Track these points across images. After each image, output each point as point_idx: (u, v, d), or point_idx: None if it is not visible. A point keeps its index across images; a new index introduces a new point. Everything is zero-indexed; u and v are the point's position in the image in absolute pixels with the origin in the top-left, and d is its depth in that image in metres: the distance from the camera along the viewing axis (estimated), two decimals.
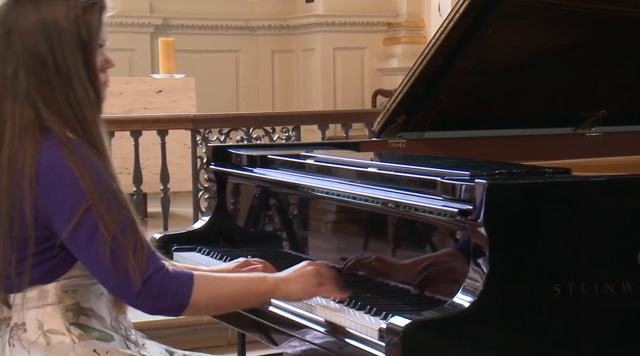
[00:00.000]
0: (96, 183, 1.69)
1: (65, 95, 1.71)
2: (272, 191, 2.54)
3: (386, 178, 2.10)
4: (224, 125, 5.00)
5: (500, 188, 1.78)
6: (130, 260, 1.66)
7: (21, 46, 1.71)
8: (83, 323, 1.75)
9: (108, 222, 1.67)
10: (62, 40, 1.70)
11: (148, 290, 1.67)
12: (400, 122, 2.80)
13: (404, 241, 2.05)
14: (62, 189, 1.68)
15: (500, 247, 1.75)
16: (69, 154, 1.69)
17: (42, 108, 1.71)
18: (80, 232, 1.68)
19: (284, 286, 1.85)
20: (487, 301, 1.73)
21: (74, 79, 1.71)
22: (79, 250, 1.70)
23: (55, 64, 1.70)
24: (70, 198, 1.68)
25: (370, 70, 7.71)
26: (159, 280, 1.68)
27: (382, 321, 1.81)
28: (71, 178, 1.68)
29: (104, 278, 1.70)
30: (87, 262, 1.70)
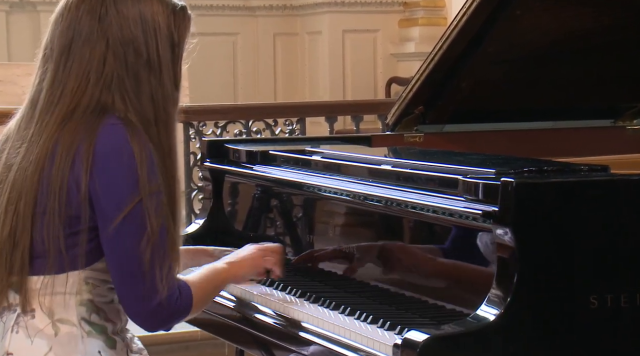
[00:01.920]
0: (150, 177, 1.78)
1: (152, 89, 1.83)
2: (274, 191, 2.55)
3: (401, 176, 2.11)
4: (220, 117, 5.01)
5: (529, 188, 1.78)
6: (159, 270, 1.76)
7: (117, 32, 1.82)
8: (94, 321, 1.83)
9: (153, 223, 1.76)
10: (158, 36, 1.84)
11: (166, 307, 1.78)
12: (417, 113, 2.80)
13: (421, 246, 2.06)
14: (118, 170, 1.76)
15: (530, 254, 1.75)
16: (133, 135, 1.78)
17: (118, 98, 1.81)
18: (125, 224, 1.76)
19: (234, 269, 2.05)
20: (514, 314, 1.73)
21: (164, 74, 1.84)
22: (114, 242, 1.77)
23: (149, 56, 1.83)
24: (125, 183, 1.77)
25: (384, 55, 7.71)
26: (174, 298, 1.80)
27: (396, 336, 1.81)
28: (130, 161, 1.77)
29: (129, 280, 1.77)
30: (115, 258, 1.78)
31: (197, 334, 4.14)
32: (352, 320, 1.96)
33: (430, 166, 2.09)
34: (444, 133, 2.86)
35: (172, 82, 1.85)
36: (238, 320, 2.24)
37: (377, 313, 1.96)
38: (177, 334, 4.12)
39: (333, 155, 2.43)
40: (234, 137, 4.84)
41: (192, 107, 4.99)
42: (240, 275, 2.07)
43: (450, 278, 1.95)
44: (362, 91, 7.56)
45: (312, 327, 2.01)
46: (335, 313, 2.02)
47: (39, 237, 1.79)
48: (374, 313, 1.95)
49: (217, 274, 1.99)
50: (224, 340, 2.53)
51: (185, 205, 4.83)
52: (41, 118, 1.82)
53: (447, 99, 2.80)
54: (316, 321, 2.01)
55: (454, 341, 1.70)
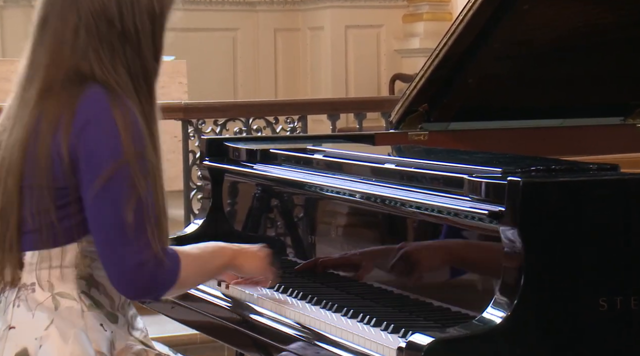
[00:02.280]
0: (136, 140, 1.80)
1: (127, 61, 1.85)
2: (274, 190, 2.55)
3: (405, 175, 2.11)
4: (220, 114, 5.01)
5: (536, 187, 1.78)
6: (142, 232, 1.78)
7: (88, 3, 1.84)
8: (94, 296, 1.86)
9: (142, 184, 1.78)
10: (134, 5, 1.85)
11: (142, 272, 1.79)
12: (421, 111, 2.80)
13: (425, 247, 2.05)
14: (99, 135, 1.79)
15: (537, 255, 1.75)
16: (115, 101, 1.80)
17: (97, 67, 1.84)
18: (109, 188, 1.78)
19: (241, 259, 2.06)
20: (521, 317, 1.73)
21: (143, 47, 1.86)
22: (94, 207, 1.79)
23: (123, 27, 1.85)
24: (105, 149, 1.79)
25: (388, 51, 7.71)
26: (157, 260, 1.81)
27: (400, 340, 1.81)
28: (111, 126, 1.79)
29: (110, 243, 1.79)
30: (97, 222, 1.80)
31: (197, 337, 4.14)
32: (355, 322, 1.96)
33: (435, 165, 2.09)
34: (449, 131, 2.86)
35: (152, 54, 1.87)
36: (238, 322, 2.24)
37: (381, 315, 1.96)
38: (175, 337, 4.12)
39: (335, 153, 2.43)
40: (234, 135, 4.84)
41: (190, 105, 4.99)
42: (244, 267, 2.06)
43: (455, 279, 1.95)
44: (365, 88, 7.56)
45: (314, 330, 2.01)
46: (338, 316, 2.02)
47: (29, 211, 1.81)
48: (378, 316, 1.95)
49: (218, 253, 2.01)
50: (224, 343, 2.53)
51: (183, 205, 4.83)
52: (22, 95, 1.86)
53: (452, 96, 2.79)
54: (318, 324, 2.01)
55: (459, 344, 1.70)
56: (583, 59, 2.80)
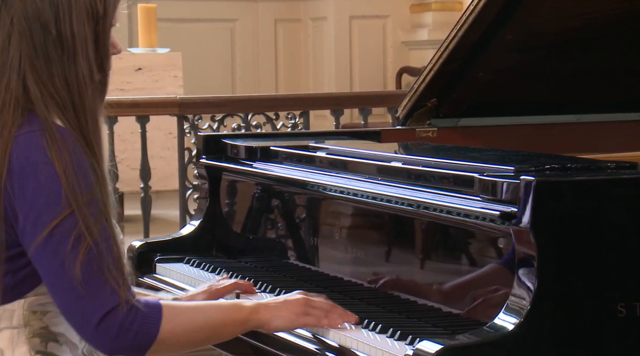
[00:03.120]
0: (83, 185, 1.68)
1: (64, 71, 1.72)
2: (275, 190, 2.55)
3: (413, 174, 2.11)
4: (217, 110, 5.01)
5: (551, 187, 1.78)
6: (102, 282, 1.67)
7: (20, 6, 1.72)
8: (52, 351, 1.77)
9: (93, 231, 1.67)
10: (71, 7, 1.72)
11: (109, 323, 1.67)
12: (430, 106, 2.81)
13: (434, 250, 2.06)
14: (36, 186, 1.67)
15: (551, 258, 1.76)
16: (52, 144, 1.69)
17: (31, 82, 1.72)
18: (51, 243, 1.67)
19: (264, 313, 1.86)
20: (535, 324, 1.73)
21: (78, 54, 1.72)
22: (45, 261, 1.69)
23: (59, 33, 1.71)
24: (44, 199, 1.67)
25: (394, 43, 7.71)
26: (125, 309, 1.68)
27: (407, 347, 1.82)
28: (49, 174, 1.67)
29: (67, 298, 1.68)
30: (51, 276, 1.70)
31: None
32: (360, 329, 1.97)
33: (444, 163, 2.09)
34: (459, 127, 2.86)
35: (89, 63, 1.72)
36: None
37: (387, 321, 1.96)
38: None
39: (339, 151, 2.43)
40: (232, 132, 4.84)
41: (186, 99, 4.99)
42: (273, 322, 1.85)
43: (465, 284, 1.95)
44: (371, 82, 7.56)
45: (317, 337, 2.01)
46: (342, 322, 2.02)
47: None
48: (384, 322, 1.95)
49: (229, 308, 1.82)
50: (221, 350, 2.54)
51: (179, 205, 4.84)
52: None
53: (462, 91, 2.80)
54: (321, 331, 2.01)
55: (470, 352, 1.71)
56: (600, 51, 2.80)
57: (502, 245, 1.85)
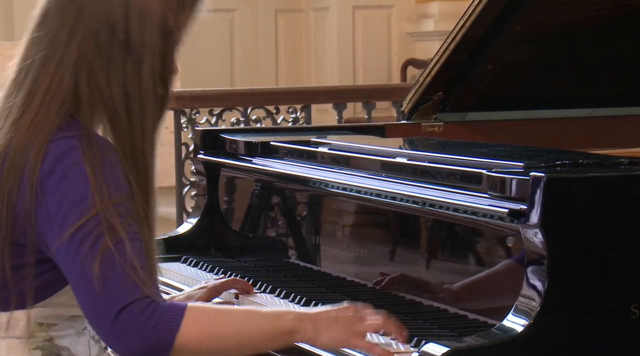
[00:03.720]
0: (112, 187, 1.68)
1: (125, 77, 1.72)
2: (275, 187, 2.55)
3: (418, 170, 2.11)
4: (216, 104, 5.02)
5: (562, 183, 1.78)
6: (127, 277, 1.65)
7: (90, 2, 1.72)
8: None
9: (118, 231, 1.66)
10: (145, 15, 1.72)
11: (125, 318, 1.64)
12: (436, 100, 2.81)
13: (440, 249, 2.06)
14: (65, 187, 1.67)
15: (562, 257, 1.76)
16: (87, 151, 1.69)
17: (84, 82, 1.71)
18: (74, 240, 1.66)
19: (310, 326, 1.72)
20: (545, 325, 1.74)
21: (144, 62, 1.72)
22: (67, 260, 1.68)
23: (128, 37, 1.72)
24: (71, 200, 1.67)
25: (399, 34, 7.71)
26: (142, 306, 1.65)
27: (413, 350, 1.82)
28: (79, 173, 1.67)
29: (86, 299, 1.68)
30: (73, 275, 1.69)
31: None
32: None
33: (451, 159, 2.09)
34: (466, 122, 2.86)
35: (154, 74, 1.72)
36: None
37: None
38: None
39: (342, 146, 2.44)
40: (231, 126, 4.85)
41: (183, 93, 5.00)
42: (321, 335, 1.70)
43: (473, 284, 1.96)
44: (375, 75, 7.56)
45: None
46: None
47: None
48: None
49: (268, 315, 1.70)
50: None
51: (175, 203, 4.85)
52: (6, 99, 1.74)
53: (470, 84, 2.80)
54: None
55: (477, 355, 1.71)
56: (613, 42, 2.80)
57: (510, 244, 1.86)
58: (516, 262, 1.82)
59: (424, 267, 2.08)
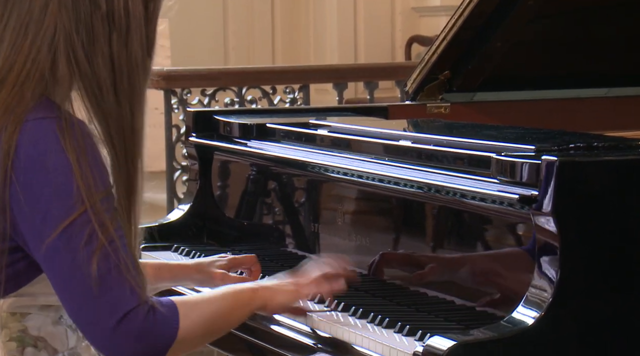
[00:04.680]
0: (98, 179, 1.66)
1: (110, 50, 1.70)
2: (272, 171, 2.56)
3: (424, 154, 2.12)
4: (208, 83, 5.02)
5: (575, 168, 1.79)
6: (117, 283, 1.66)
7: None
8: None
9: (109, 229, 1.66)
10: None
11: (129, 325, 1.67)
12: (442, 79, 2.81)
13: (446, 238, 2.07)
14: (44, 177, 1.65)
15: (575, 245, 1.76)
16: (67, 132, 1.66)
17: (63, 58, 1.68)
18: (64, 240, 1.65)
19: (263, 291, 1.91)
20: (557, 317, 1.74)
21: (131, 34, 1.70)
22: (57, 259, 1.67)
23: (110, 9, 1.69)
24: (54, 193, 1.65)
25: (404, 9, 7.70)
26: (143, 312, 1.68)
27: (417, 343, 1.83)
28: (61, 163, 1.65)
29: (79, 303, 1.68)
30: (59, 280, 1.69)
31: None
32: (365, 323, 1.98)
33: (458, 142, 2.10)
34: (475, 102, 2.86)
35: (142, 45, 1.71)
36: None
37: (394, 315, 1.97)
38: None
39: (342, 128, 2.44)
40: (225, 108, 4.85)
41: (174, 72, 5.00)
42: (275, 300, 1.91)
43: (481, 274, 1.96)
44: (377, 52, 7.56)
45: (318, 332, 2.03)
46: (345, 316, 2.04)
47: None
48: (391, 316, 1.96)
49: (231, 295, 1.84)
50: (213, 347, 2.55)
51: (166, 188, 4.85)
52: None
53: (478, 62, 2.80)
54: (322, 326, 2.03)
55: (485, 349, 1.72)
56: (632, 18, 2.80)
57: (521, 232, 1.86)
58: (527, 250, 1.83)
59: (430, 255, 2.08)
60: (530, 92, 2.90)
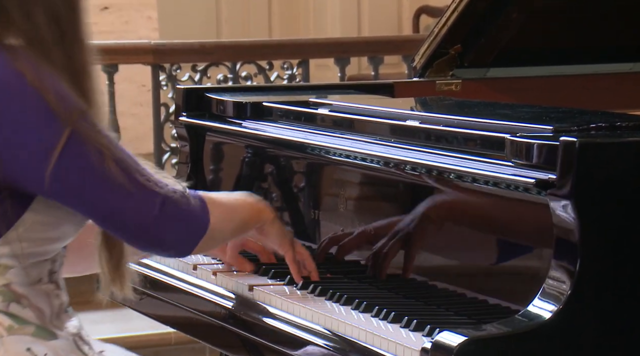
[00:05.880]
0: (66, 99, 1.76)
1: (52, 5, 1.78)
2: (268, 154, 2.56)
3: (433, 135, 2.12)
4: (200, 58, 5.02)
5: (597, 149, 1.79)
6: (145, 175, 1.83)
7: None
8: (14, 312, 1.81)
9: (101, 139, 1.78)
10: None
11: (172, 208, 1.85)
12: (453, 54, 2.81)
13: (457, 224, 2.08)
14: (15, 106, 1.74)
15: (596, 234, 1.77)
16: (17, 58, 1.75)
17: None
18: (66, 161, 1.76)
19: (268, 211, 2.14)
20: (576, 311, 1.75)
21: None
22: (71, 182, 1.78)
23: None
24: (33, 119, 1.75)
25: None
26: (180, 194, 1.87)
27: (425, 339, 1.84)
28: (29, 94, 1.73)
29: (121, 200, 1.81)
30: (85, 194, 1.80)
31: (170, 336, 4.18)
32: (369, 317, 1.99)
33: (469, 122, 2.10)
34: (488, 79, 2.86)
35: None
36: (224, 317, 2.27)
37: (401, 309, 1.98)
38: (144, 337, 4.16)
39: (344, 107, 2.45)
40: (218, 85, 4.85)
41: (162, 45, 5.00)
42: (273, 229, 2.15)
43: (494, 264, 1.97)
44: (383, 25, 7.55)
45: (318, 328, 2.03)
46: (348, 309, 2.05)
47: None
48: (397, 309, 1.97)
49: (245, 202, 2.09)
50: (205, 343, 2.56)
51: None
52: None
53: (492, 35, 2.80)
54: (323, 320, 2.03)
55: (499, 344, 1.72)
56: None
57: (537, 219, 1.87)
58: (543, 239, 1.84)
59: (438, 243, 2.09)
60: (548, 68, 2.89)
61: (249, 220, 2.08)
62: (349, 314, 2.02)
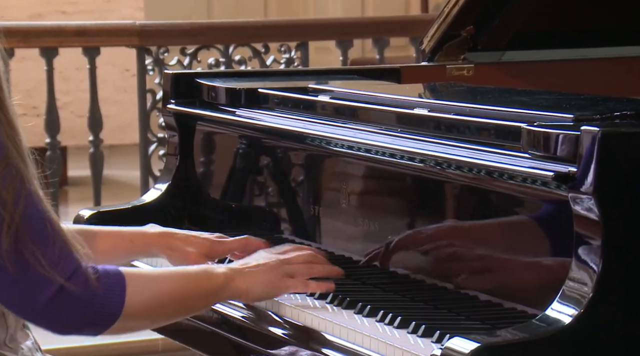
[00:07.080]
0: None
1: None
2: (264, 145, 2.57)
3: (443, 124, 2.13)
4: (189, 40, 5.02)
5: (621, 140, 1.79)
6: (40, 256, 1.74)
7: None
8: None
9: (7, 199, 1.72)
10: None
11: (65, 298, 1.75)
12: (465, 36, 2.81)
13: (469, 221, 2.08)
14: None
15: (620, 231, 1.77)
16: None
17: None
18: None
19: (240, 280, 2.00)
20: (598, 315, 1.76)
21: None
22: None
23: None
24: None
25: None
26: (81, 282, 1.76)
27: (434, 346, 1.84)
28: None
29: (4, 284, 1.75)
30: None
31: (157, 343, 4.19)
32: (374, 322, 1.99)
33: (483, 110, 2.10)
34: (503, 63, 2.87)
35: None
36: (216, 323, 2.28)
37: (409, 313, 1.99)
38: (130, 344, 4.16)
39: (347, 94, 2.45)
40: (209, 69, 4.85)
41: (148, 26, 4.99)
42: (252, 291, 2.02)
43: (509, 265, 1.98)
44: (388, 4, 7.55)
45: (320, 333, 2.04)
46: (350, 313, 2.05)
47: None
48: (404, 314, 1.98)
49: (201, 277, 1.94)
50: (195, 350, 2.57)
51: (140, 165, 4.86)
52: None
53: (507, 16, 2.80)
54: (325, 325, 2.04)
55: (514, 352, 1.73)
56: None
57: (556, 216, 1.87)
58: (563, 237, 1.84)
59: (450, 242, 2.09)
60: (569, 51, 2.89)
61: (203, 304, 1.99)
62: (352, 319, 2.02)
